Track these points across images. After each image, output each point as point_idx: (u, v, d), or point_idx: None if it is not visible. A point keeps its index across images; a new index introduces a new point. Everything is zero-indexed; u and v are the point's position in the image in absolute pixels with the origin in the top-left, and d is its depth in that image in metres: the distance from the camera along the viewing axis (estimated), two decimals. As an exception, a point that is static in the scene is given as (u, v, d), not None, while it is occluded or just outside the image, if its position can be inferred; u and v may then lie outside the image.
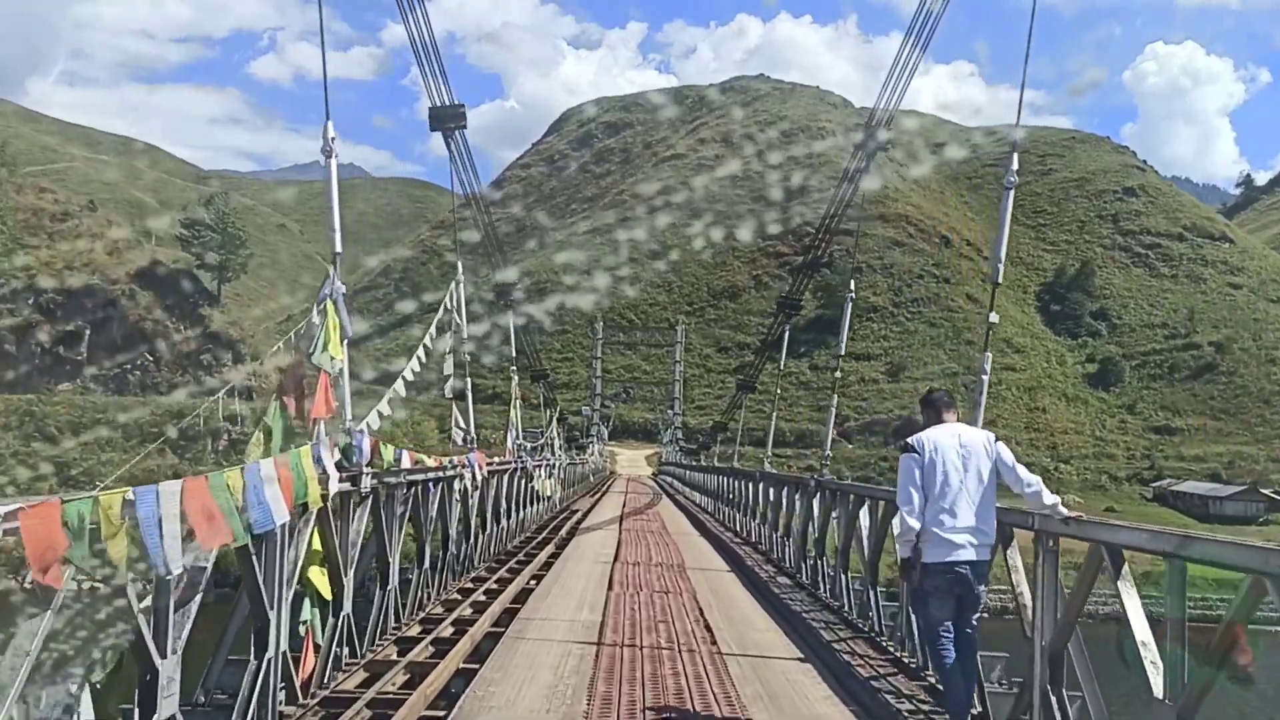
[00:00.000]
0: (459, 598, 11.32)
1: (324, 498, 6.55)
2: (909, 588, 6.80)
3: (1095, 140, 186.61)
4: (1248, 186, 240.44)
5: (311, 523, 6.64)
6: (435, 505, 11.07)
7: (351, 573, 7.61)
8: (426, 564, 10.87)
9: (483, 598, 11.41)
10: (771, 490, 18.59)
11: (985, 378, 9.62)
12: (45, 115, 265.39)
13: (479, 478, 13.49)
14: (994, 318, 9.59)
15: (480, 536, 14.79)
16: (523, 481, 19.86)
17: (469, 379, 14.13)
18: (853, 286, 14.87)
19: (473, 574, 13.34)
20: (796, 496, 15.41)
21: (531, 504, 21.80)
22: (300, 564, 6.52)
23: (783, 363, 20.36)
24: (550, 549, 17.01)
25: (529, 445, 22.66)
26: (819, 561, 13.19)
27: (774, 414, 18.02)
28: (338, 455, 7.06)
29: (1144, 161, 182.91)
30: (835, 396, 18.43)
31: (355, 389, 7.71)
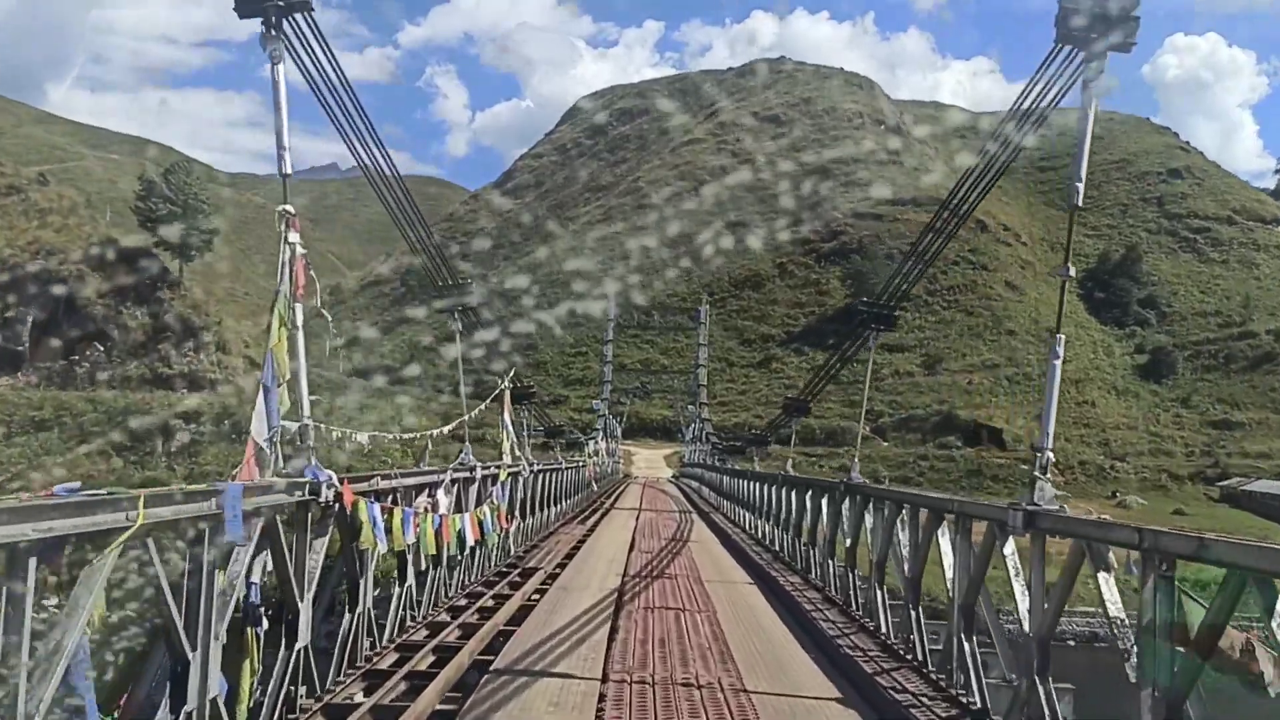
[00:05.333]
0: None
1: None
2: None
3: (1135, 121, 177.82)
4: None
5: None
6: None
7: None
8: None
9: None
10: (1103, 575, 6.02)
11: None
12: (59, 117, 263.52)
13: None
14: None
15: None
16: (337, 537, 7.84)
17: None
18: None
19: None
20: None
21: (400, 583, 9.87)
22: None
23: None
24: None
25: (348, 434, 8.68)
26: None
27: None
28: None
29: (1186, 142, 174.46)
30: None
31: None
